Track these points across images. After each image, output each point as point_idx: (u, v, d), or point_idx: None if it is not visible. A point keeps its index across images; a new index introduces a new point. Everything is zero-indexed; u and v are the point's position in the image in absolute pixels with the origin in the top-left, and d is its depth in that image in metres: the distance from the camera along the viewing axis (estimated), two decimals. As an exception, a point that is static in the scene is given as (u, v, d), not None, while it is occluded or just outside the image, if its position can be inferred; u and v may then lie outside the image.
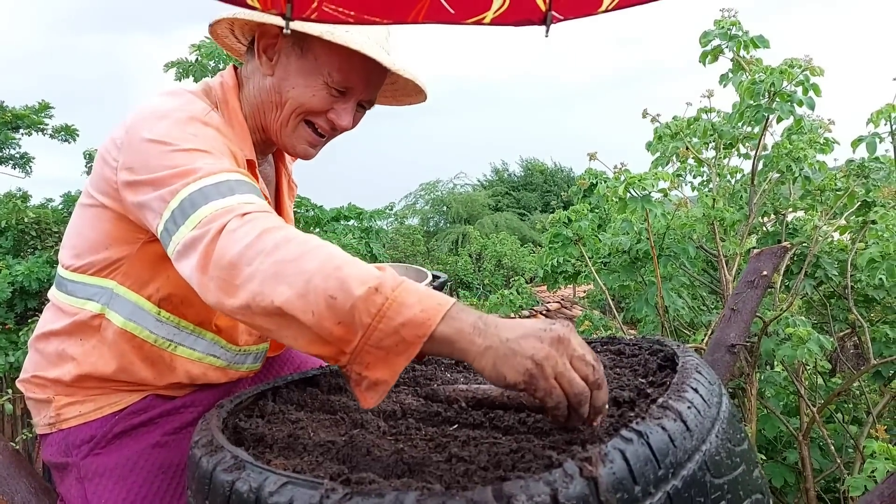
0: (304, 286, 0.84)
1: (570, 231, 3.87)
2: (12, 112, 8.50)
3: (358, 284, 0.83)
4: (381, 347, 0.83)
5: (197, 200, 0.97)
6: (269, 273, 0.86)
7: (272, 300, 0.85)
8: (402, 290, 0.83)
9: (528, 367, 0.79)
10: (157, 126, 1.08)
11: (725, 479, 0.79)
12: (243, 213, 0.93)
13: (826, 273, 3.53)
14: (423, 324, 0.81)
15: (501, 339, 0.81)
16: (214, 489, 0.80)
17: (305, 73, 1.18)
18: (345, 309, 0.82)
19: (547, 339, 0.81)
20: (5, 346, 6.13)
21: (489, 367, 0.81)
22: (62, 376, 1.22)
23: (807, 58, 3.29)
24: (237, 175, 1.02)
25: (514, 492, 0.64)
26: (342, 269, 0.84)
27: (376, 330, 0.82)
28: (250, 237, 0.89)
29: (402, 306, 0.82)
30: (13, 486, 1.26)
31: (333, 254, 0.87)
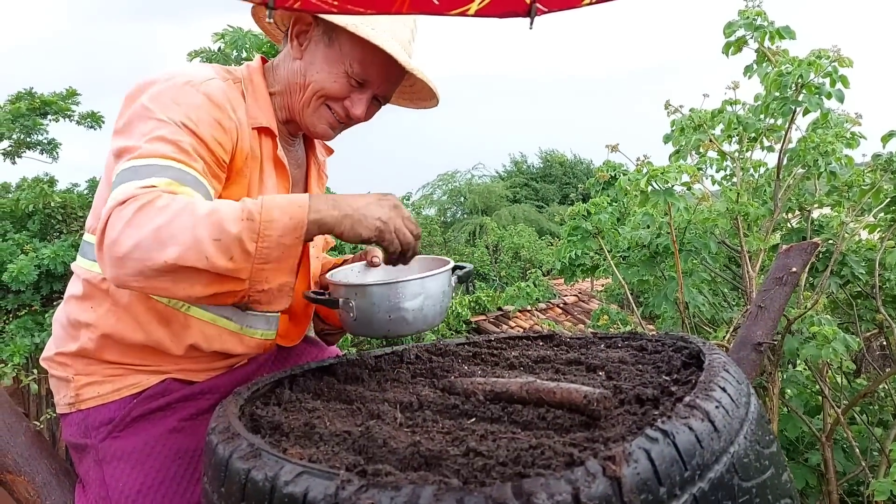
0: (191, 239, 0.97)
1: (590, 224, 3.83)
2: (41, 98, 8.62)
3: (233, 221, 1.00)
4: (270, 260, 1.03)
5: (120, 178, 1.07)
6: (150, 239, 0.98)
7: (164, 260, 0.97)
8: (266, 208, 1.02)
9: (378, 225, 1.11)
10: (154, 88, 1.18)
11: (754, 482, 0.76)
12: (131, 197, 1.01)
13: (853, 272, 3.45)
14: (296, 227, 1.04)
15: (354, 208, 1.09)
16: (230, 477, 0.80)
17: (330, 60, 1.27)
18: (231, 244, 0.99)
19: (387, 206, 1.13)
20: (31, 328, 6.25)
21: (348, 229, 1.08)
22: (84, 345, 1.24)
23: (835, 48, 3.20)
24: (168, 161, 1.09)
25: (534, 489, 0.62)
26: (213, 214, 1.00)
27: (262, 249, 1.02)
28: (130, 214, 0.99)
29: (273, 222, 1.02)
30: (34, 467, 1.27)
31: (198, 206, 1.01)
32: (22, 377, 6.52)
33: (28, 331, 6.23)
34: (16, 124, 8.50)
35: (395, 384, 1.19)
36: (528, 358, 1.27)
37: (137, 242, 0.98)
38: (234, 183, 1.24)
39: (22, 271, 5.92)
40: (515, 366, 1.24)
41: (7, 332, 6.29)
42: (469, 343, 1.48)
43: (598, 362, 1.18)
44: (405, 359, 1.36)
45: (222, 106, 1.21)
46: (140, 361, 1.25)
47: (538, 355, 1.29)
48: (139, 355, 1.25)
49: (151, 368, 1.26)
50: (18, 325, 6.27)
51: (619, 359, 1.19)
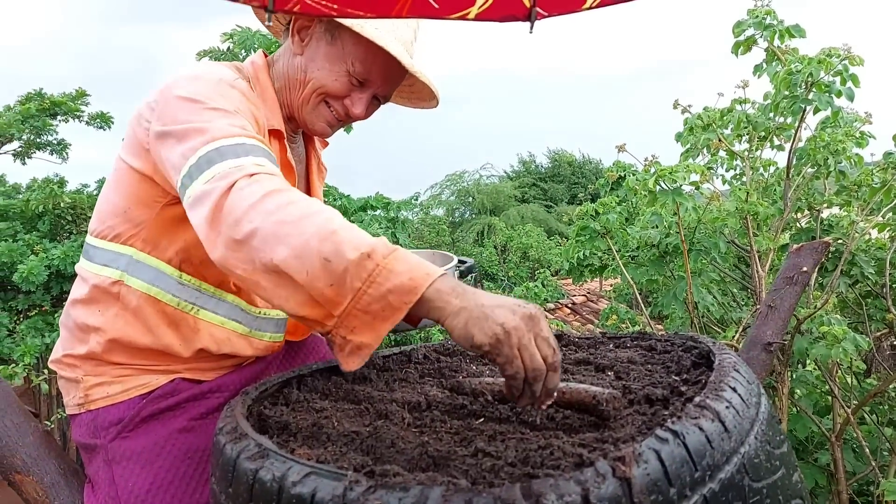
0: (301, 247, 0.88)
1: (598, 224, 3.81)
2: (50, 99, 8.69)
3: (351, 249, 0.88)
4: (368, 312, 0.88)
5: (213, 158, 1.01)
6: (269, 232, 0.90)
7: (271, 258, 0.89)
8: (393, 258, 0.88)
9: (497, 332, 0.84)
10: (189, 86, 1.14)
11: (764, 482, 0.76)
12: (252, 174, 0.97)
13: (862, 271, 3.42)
14: (410, 290, 0.87)
15: (477, 304, 0.87)
16: (238, 477, 0.80)
17: (332, 58, 1.26)
18: (338, 272, 0.87)
19: (519, 314, 0.86)
20: (41, 328, 6.29)
21: (461, 325, 0.86)
22: (93, 349, 1.24)
23: (846, 47, 3.18)
24: (254, 140, 1.07)
25: (543, 490, 0.62)
26: (338, 233, 0.89)
27: (365, 294, 0.87)
28: (256, 196, 0.93)
29: (392, 273, 0.87)
30: (43, 468, 1.27)
31: (331, 218, 0.92)
32: (33, 377, 6.56)
33: (38, 331, 6.28)
34: (26, 125, 8.57)
35: (403, 384, 1.19)
36: (537, 358, 1.27)
37: (257, 229, 0.91)
38: None
39: (32, 272, 5.96)
40: (524, 366, 1.24)
41: (18, 333, 6.34)
42: (477, 343, 1.47)
43: (607, 362, 1.17)
44: (413, 359, 1.35)
45: (256, 103, 1.21)
46: (149, 362, 1.25)
47: (546, 355, 1.28)
48: (148, 357, 1.25)
49: (160, 368, 1.26)
50: (29, 325, 6.31)
51: (628, 359, 1.19)
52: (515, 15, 1.23)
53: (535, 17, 1.21)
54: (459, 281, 0.91)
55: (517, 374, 0.85)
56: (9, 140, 9.01)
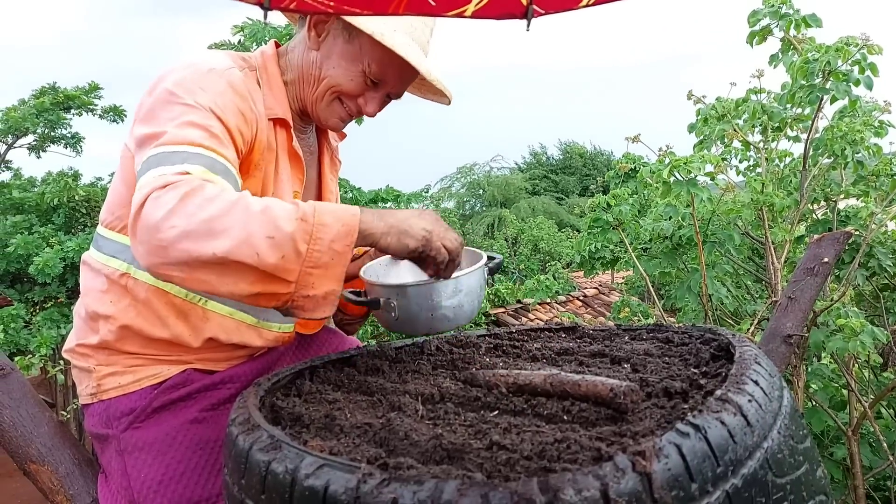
0: (244, 233, 0.95)
1: (610, 216, 3.78)
2: (64, 93, 8.75)
3: (286, 220, 0.98)
4: (319, 265, 1.01)
5: (151, 164, 1.04)
6: (201, 231, 0.95)
7: (213, 252, 0.95)
8: (319, 213, 1.01)
9: (424, 234, 1.11)
10: (177, 74, 1.15)
11: (788, 478, 0.74)
12: (171, 183, 0.98)
13: (880, 263, 3.37)
14: (348, 234, 1.03)
15: (398, 220, 1.10)
16: (250, 469, 0.79)
17: (348, 57, 1.25)
18: (284, 243, 0.97)
19: (428, 219, 1.14)
20: (57, 319, 6.36)
21: (394, 241, 1.09)
22: (105, 337, 1.24)
23: (864, 35, 3.12)
24: (198, 149, 1.07)
25: (560, 485, 0.60)
26: (268, 211, 0.98)
27: (313, 252, 1.00)
28: (173, 202, 0.96)
29: (325, 226, 1.01)
30: (57, 457, 1.28)
31: (250, 202, 0.99)
32: (49, 368, 6.64)
33: (54, 322, 6.34)
34: (40, 119, 8.63)
35: (416, 376, 1.18)
36: (551, 350, 1.25)
37: (186, 231, 0.94)
38: (251, 176, 1.23)
39: (48, 264, 6.01)
40: (538, 358, 1.22)
41: (34, 324, 6.41)
42: (490, 335, 1.46)
43: (623, 354, 1.15)
44: (426, 350, 1.34)
45: (245, 96, 1.19)
46: (160, 352, 1.25)
47: (561, 347, 1.27)
48: (159, 347, 1.25)
49: (172, 359, 1.26)
50: (45, 316, 6.38)
51: (644, 351, 1.17)
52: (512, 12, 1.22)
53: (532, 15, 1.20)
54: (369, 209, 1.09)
55: (444, 258, 1.14)
56: (24, 134, 9.09)
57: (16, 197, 7.36)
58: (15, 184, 8.35)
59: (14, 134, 8.98)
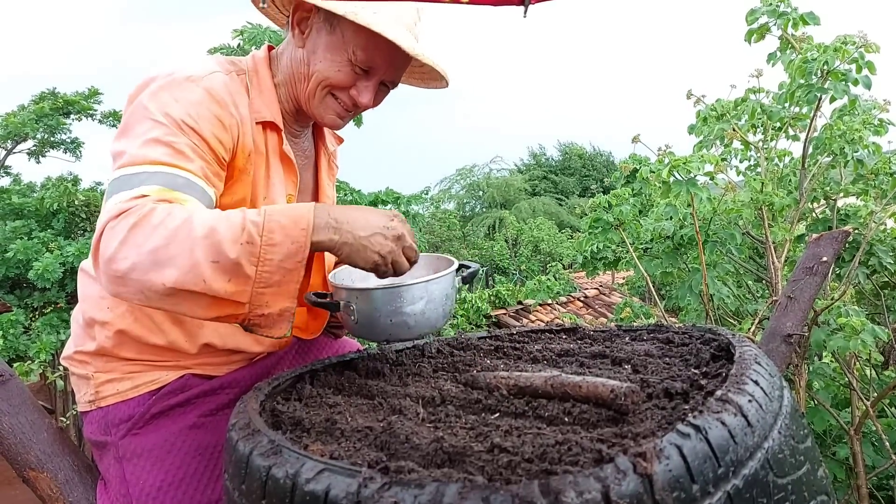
0: (188, 262, 0.95)
1: (611, 216, 3.78)
2: (63, 98, 8.76)
3: (231, 245, 0.96)
4: (271, 284, 1.00)
5: (112, 189, 1.06)
6: (147, 263, 0.95)
7: (162, 283, 0.95)
8: (268, 230, 0.98)
9: (376, 260, 1.08)
10: (155, 84, 1.15)
11: (789, 478, 0.74)
12: (126, 210, 0.99)
13: (880, 261, 3.37)
14: (298, 251, 1.00)
15: (354, 236, 1.05)
16: (251, 474, 0.79)
17: (333, 49, 1.23)
18: (229, 267, 0.96)
19: (390, 237, 1.08)
20: (57, 325, 6.36)
21: (345, 256, 1.06)
22: (102, 343, 1.24)
23: (861, 34, 3.12)
24: (157, 167, 1.07)
25: (562, 487, 0.60)
26: (212, 234, 0.96)
27: (262, 273, 0.98)
28: (123, 232, 0.97)
29: (274, 246, 0.99)
30: (57, 464, 1.27)
31: (195, 224, 0.97)
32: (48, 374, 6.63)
33: (54, 328, 6.34)
34: (40, 124, 8.64)
35: (417, 379, 1.18)
36: (552, 351, 1.25)
37: (134, 264, 0.95)
38: (238, 181, 1.22)
39: (47, 269, 6.01)
40: (539, 359, 1.22)
41: (34, 330, 6.41)
42: (491, 337, 1.46)
43: (624, 355, 1.15)
44: (426, 353, 1.34)
45: (223, 101, 1.17)
46: (158, 358, 1.25)
47: (561, 349, 1.26)
48: (157, 353, 1.25)
49: (170, 364, 1.26)
50: (44, 322, 6.38)
51: (645, 352, 1.17)
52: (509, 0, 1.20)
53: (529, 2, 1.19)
54: (329, 208, 1.05)
55: (387, 274, 1.12)
56: (23, 139, 9.10)
57: (15, 202, 7.37)
58: (14, 189, 8.35)
59: (13, 139, 8.99)
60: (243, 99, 1.22)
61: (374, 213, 1.09)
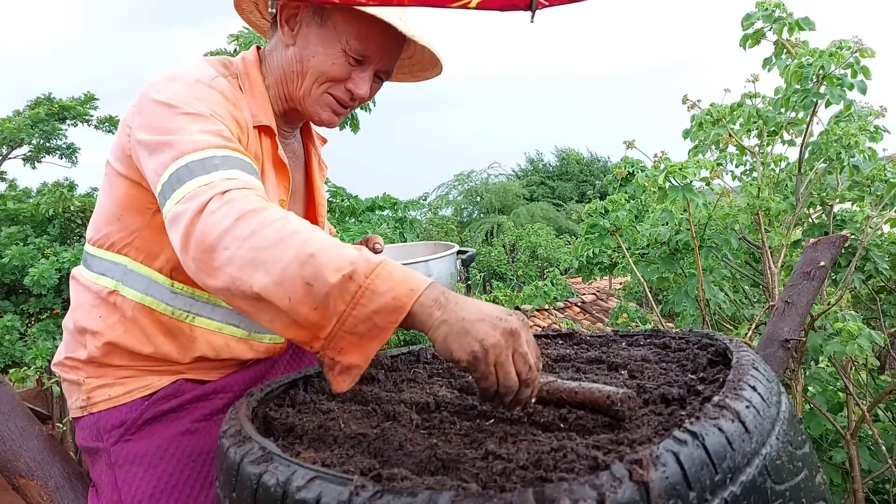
0: (281, 274, 0.87)
1: (608, 221, 3.78)
2: (59, 103, 8.74)
3: (332, 272, 0.86)
4: (354, 333, 0.87)
5: (183, 176, 1.00)
6: (246, 259, 0.89)
7: (251, 286, 0.88)
8: (375, 276, 0.87)
9: (475, 350, 0.84)
10: (165, 88, 1.12)
11: (787, 485, 0.73)
12: (223, 191, 0.95)
13: (876, 267, 3.37)
14: (395, 310, 0.86)
15: (458, 317, 0.86)
16: (241, 481, 0.77)
17: (325, 41, 1.21)
18: (320, 296, 0.86)
19: (500, 329, 0.85)
20: (53, 331, 6.32)
21: (441, 339, 0.86)
22: (92, 353, 1.23)
23: (856, 39, 3.13)
24: (226, 150, 1.04)
25: (557, 495, 0.59)
26: (317, 255, 0.87)
27: (350, 316, 0.86)
28: (228, 221, 0.91)
29: (375, 294, 0.86)
30: (47, 471, 1.26)
31: (308, 240, 0.89)
32: (45, 380, 6.59)
33: (50, 334, 6.30)
34: (35, 129, 8.62)
35: (412, 384, 1.17)
36: (548, 356, 1.24)
37: (233, 257, 0.89)
38: None
39: (43, 275, 5.98)
40: (534, 365, 1.21)
41: (29, 336, 6.38)
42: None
43: (620, 361, 1.14)
44: (422, 358, 1.33)
45: (236, 103, 1.17)
46: (150, 364, 1.24)
47: (558, 354, 1.26)
48: (148, 360, 1.24)
49: (162, 369, 1.24)
50: (40, 328, 6.35)
51: (641, 357, 1.16)
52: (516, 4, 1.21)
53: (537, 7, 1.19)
54: (445, 289, 0.90)
55: (490, 388, 0.86)
56: (19, 144, 9.08)
57: (11, 208, 7.34)
58: (10, 195, 8.32)
59: (9, 145, 8.97)
60: (244, 103, 1.22)
61: (490, 306, 0.90)
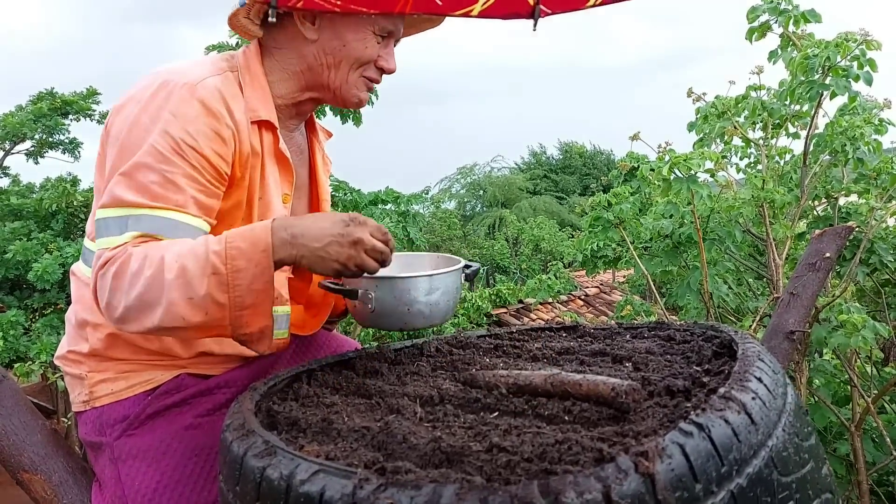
0: (166, 303, 1.02)
1: (611, 214, 3.77)
2: (62, 98, 8.74)
3: (199, 278, 1.01)
4: (245, 307, 1.05)
5: (100, 230, 1.10)
6: (135, 307, 1.03)
7: (152, 323, 1.04)
8: (230, 257, 1.02)
9: (336, 268, 1.08)
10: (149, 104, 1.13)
11: (793, 476, 0.72)
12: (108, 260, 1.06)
13: (881, 259, 3.36)
14: (263, 272, 1.04)
15: (310, 249, 1.06)
16: (245, 475, 0.77)
17: (352, 27, 1.23)
18: (203, 301, 1.02)
19: (346, 243, 1.06)
20: (57, 325, 6.35)
21: (307, 267, 1.08)
22: (95, 346, 1.23)
23: (863, 31, 3.10)
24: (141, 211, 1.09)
25: (562, 487, 0.59)
26: (183, 274, 1.01)
27: (235, 298, 1.04)
28: (109, 281, 1.05)
29: (240, 272, 1.03)
30: (51, 466, 1.26)
31: (166, 267, 1.02)
32: (49, 374, 6.62)
33: (54, 329, 6.33)
34: (38, 124, 8.63)
35: (416, 378, 1.16)
36: (552, 349, 1.24)
37: (127, 308, 1.04)
38: (235, 186, 1.20)
39: (47, 270, 6.00)
40: (538, 358, 1.21)
41: (34, 331, 6.40)
42: (490, 335, 1.44)
43: (625, 353, 1.14)
44: (425, 352, 1.33)
45: (219, 113, 1.14)
46: (152, 358, 1.24)
47: (562, 347, 1.25)
48: (150, 354, 1.24)
49: (165, 363, 1.24)
50: (44, 323, 6.37)
51: (646, 349, 1.15)
52: (519, 12, 1.22)
53: (539, 15, 1.20)
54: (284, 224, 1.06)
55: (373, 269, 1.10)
56: (22, 139, 9.09)
57: (14, 203, 7.35)
58: (13, 190, 8.35)
59: (12, 140, 8.98)
60: (238, 100, 1.19)
61: (328, 221, 1.08)
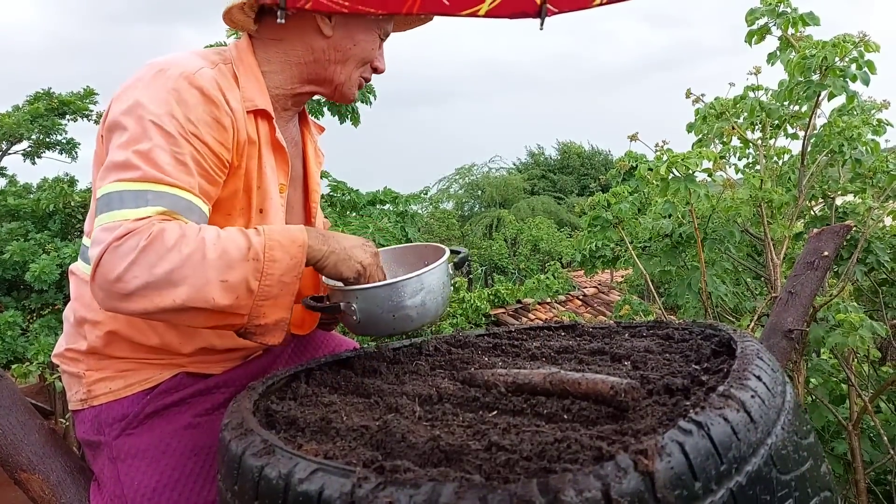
0: (201, 282, 1.01)
1: (610, 214, 3.77)
2: (59, 98, 8.72)
3: (240, 263, 1.03)
4: (269, 297, 1.07)
5: (112, 202, 1.04)
6: (162, 282, 0.99)
7: (173, 300, 1.00)
8: (270, 248, 1.06)
9: (359, 269, 1.19)
10: (147, 89, 1.12)
11: (793, 474, 0.72)
12: (130, 232, 1.00)
13: (878, 259, 3.37)
14: (295, 267, 1.09)
15: (342, 247, 1.17)
16: (243, 474, 0.77)
17: (365, 29, 1.28)
18: (237, 285, 1.03)
19: (369, 252, 1.21)
20: (55, 326, 6.33)
21: (332, 265, 1.16)
22: (93, 343, 1.22)
23: (860, 33, 3.11)
24: (160, 187, 1.06)
25: (561, 486, 0.59)
26: (225, 255, 1.02)
27: (263, 287, 1.06)
28: (132, 254, 0.99)
29: (275, 262, 1.07)
30: (49, 465, 1.25)
31: (208, 246, 1.02)
32: (47, 375, 6.61)
33: (52, 329, 6.31)
34: (35, 125, 8.60)
35: (414, 377, 1.16)
36: (550, 348, 1.24)
37: (147, 283, 0.99)
38: (233, 175, 1.20)
39: (44, 270, 5.99)
40: (537, 356, 1.21)
41: (31, 331, 6.38)
42: (489, 334, 1.44)
43: (623, 352, 1.14)
44: (424, 351, 1.33)
45: (217, 101, 1.14)
46: (151, 356, 1.23)
47: (560, 345, 1.25)
48: (149, 352, 1.23)
49: (164, 362, 1.24)
50: (42, 323, 6.35)
51: (644, 348, 1.15)
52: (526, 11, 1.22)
53: (546, 14, 1.20)
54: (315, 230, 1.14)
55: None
56: (18, 140, 9.06)
57: (11, 203, 7.33)
58: (10, 190, 8.31)
59: (8, 140, 8.96)
60: (234, 91, 1.19)
61: (354, 237, 1.22)
